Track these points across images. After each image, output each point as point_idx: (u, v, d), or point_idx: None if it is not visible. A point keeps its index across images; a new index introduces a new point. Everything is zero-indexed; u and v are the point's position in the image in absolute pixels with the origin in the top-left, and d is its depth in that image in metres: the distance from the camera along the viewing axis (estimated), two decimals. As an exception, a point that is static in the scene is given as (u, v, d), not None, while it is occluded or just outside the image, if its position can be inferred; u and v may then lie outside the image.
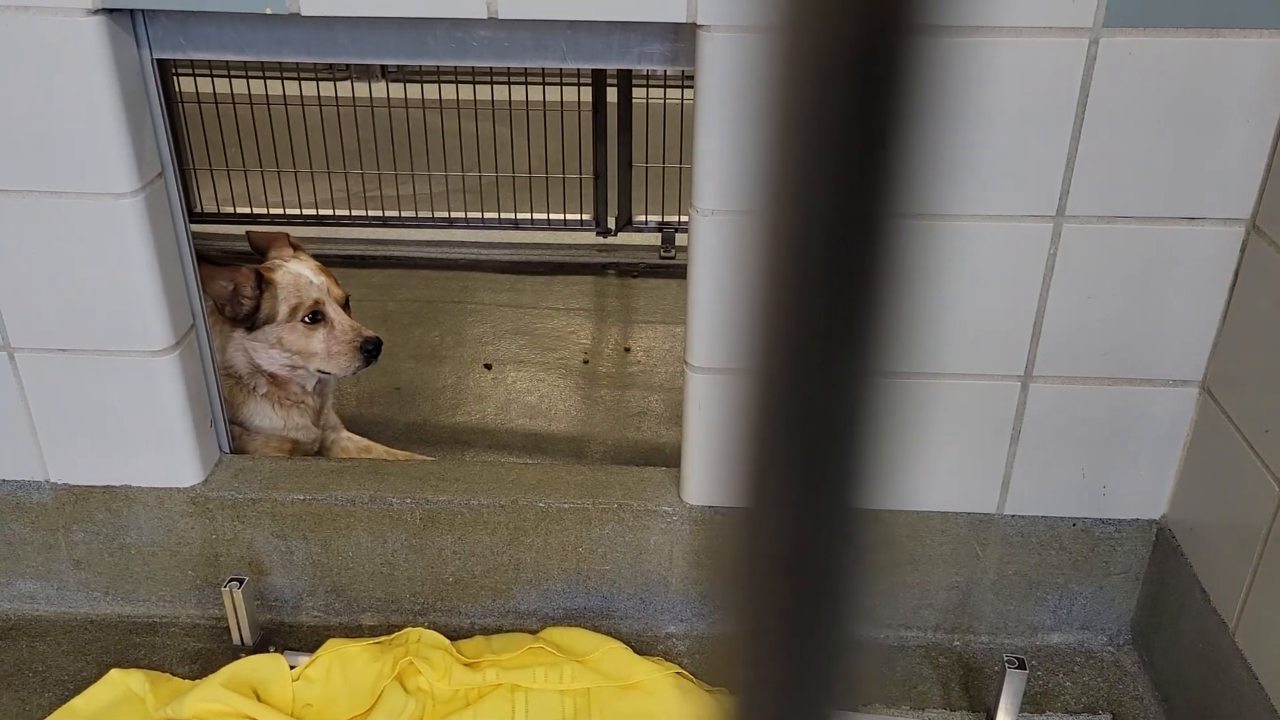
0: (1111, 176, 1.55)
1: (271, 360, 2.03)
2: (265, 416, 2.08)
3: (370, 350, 2.03)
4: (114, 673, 1.77)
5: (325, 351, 2.02)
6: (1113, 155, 1.53)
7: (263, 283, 2.00)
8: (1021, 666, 1.62)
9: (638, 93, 3.05)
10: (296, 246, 2.15)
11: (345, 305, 2.09)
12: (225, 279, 1.97)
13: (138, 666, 1.80)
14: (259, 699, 1.69)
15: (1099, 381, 1.69)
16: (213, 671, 1.73)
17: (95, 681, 1.76)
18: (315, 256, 2.21)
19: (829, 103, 0.27)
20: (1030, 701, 1.75)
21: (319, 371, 2.06)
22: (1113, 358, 1.67)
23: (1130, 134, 1.52)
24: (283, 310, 2.00)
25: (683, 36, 1.56)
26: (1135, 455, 1.74)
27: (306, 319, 2.00)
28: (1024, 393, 1.70)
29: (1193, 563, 1.69)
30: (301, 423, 2.11)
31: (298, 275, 2.03)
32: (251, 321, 2.00)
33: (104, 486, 1.83)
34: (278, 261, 2.06)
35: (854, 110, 0.27)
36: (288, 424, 2.10)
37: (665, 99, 3.14)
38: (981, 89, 1.50)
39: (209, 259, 1.96)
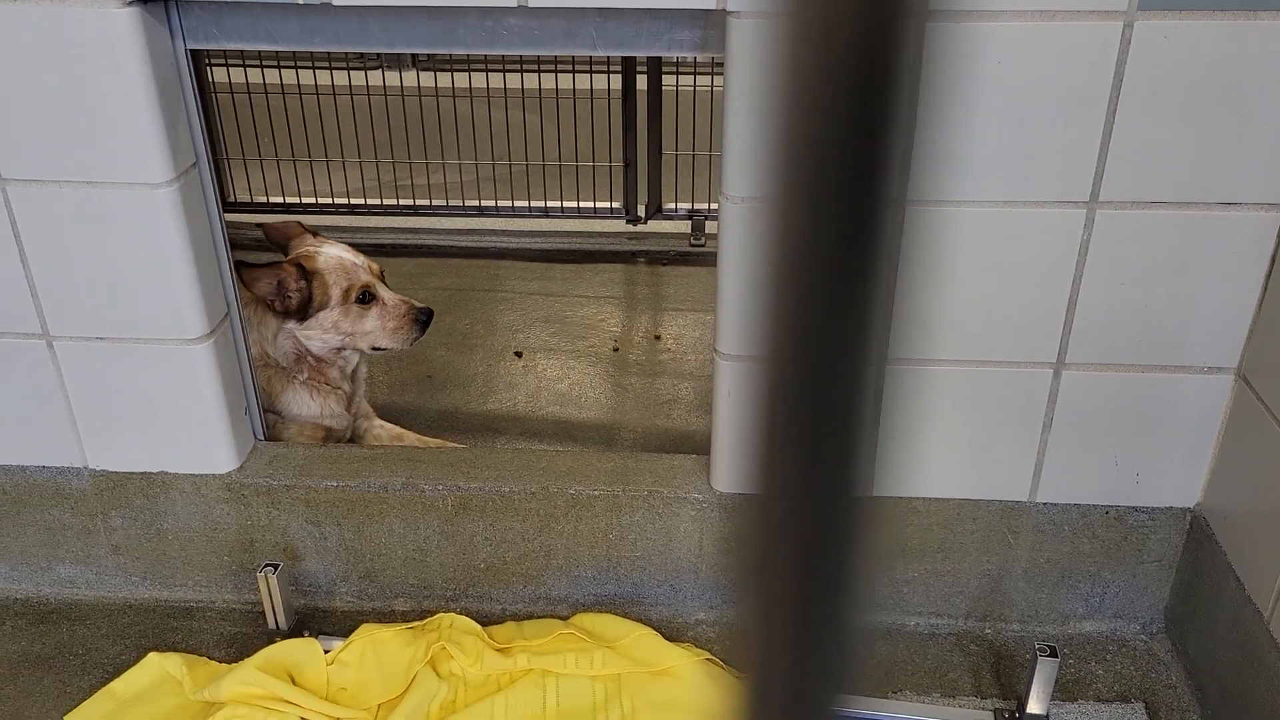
0: (1145, 162, 1.53)
1: (325, 344, 2.07)
2: (302, 404, 2.11)
3: (425, 321, 2.10)
4: (152, 656, 1.80)
5: (381, 328, 2.07)
6: (1147, 140, 1.52)
7: (307, 273, 2.02)
8: (1053, 654, 1.61)
9: (668, 80, 3.04)
10: (314, 232, 2.17)
11: (383, 280, 2.12)
12: (269, 277, 2.00)
13: (175, 650, 1.83)
14: (294, 682, 1.71)
15: (1132, 368, 1.67)
16: (248, 655, 1.76)
17: (134, 664, 1.79)
18: (289, 220, 2.23)
19: (834, 90, 0.27)
20: (1062, 690, 1.74)
21: (373, 349, 2.10)
22: (1146, 344, 1.65)
23: (1165, 119, 1.50)
24: (335, 294, 2.03)
25: (713, 23, 1.56)
26: (1169, 442, 1.72)
27: (359, 299, 2.04)
28: (1056, 380, 1.69)
29: (1227, 551, 1.68)
30: (336, 410, 2.13)
31: (340, 259, 2.06)
32: (304, 312, 2.03)
33: (141, 473, 1.85)
34: (311, 249, 2.08)
35: (858, 97, 0.27)
36: (323, 411, 2.12)
37: (695, 86, 3.13)
38: (1014, 74, 1.49)
39: (247, 261, 1.98)
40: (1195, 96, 1.48)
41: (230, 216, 2.02)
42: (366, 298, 2.06)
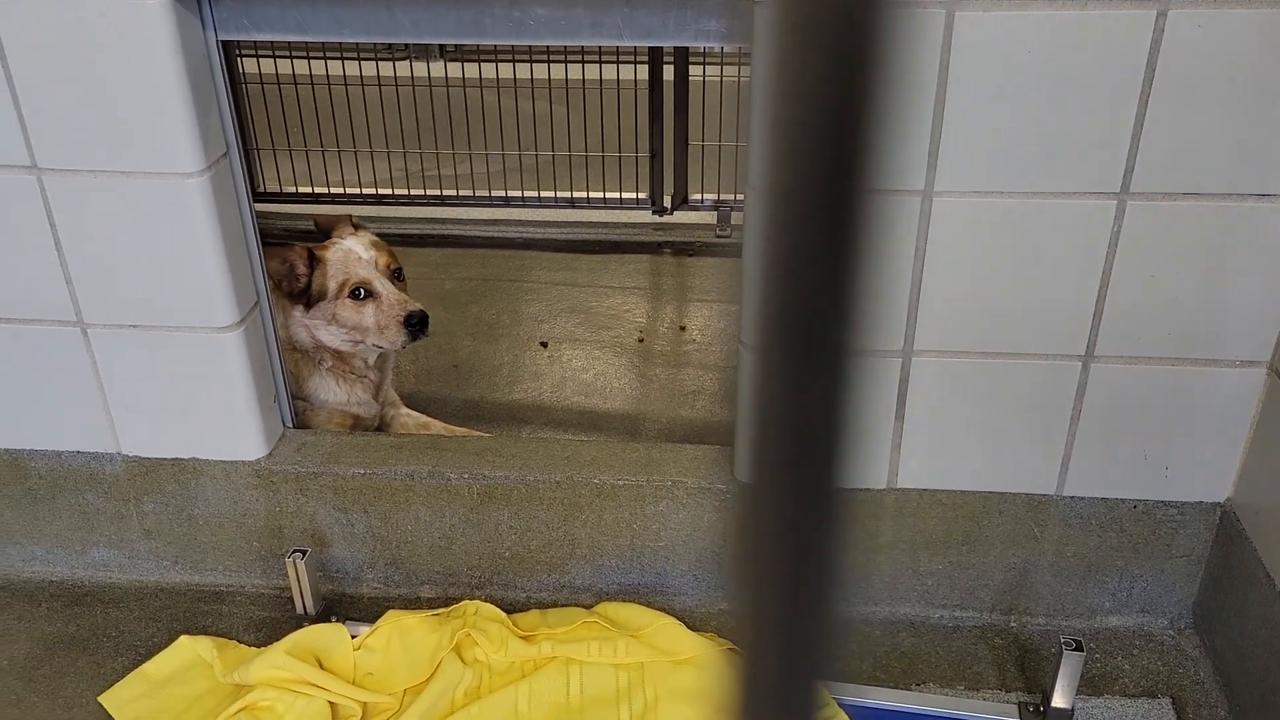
0: (1178, 152, 1.52)
1: (331, 336, 2.07)
2: (329, 391, 2.12)
3: (414, 324, 2.03)
4: (183, 639, 1.82)
5: (375, 325, 2.05)
6: (1180, 130, 1.50)
7: (314, 261, 2.04)
8: (1079, 648, 1.61)
9: (694, 70, 3.04)
10: (359, 226, 2.18)
11: (398, 276, 2.11)
12: (281, 257, 2.01)
13: (206, 633, 1.85)
14: (321, 666, 1.73)
15: (1163, 361, 1.66)
16: (277, 639, 1.78)
17: (166, 647, 1.81)
18: (340, 215, 2.24)
19: (817, 80, 0.27)
20: (1088, 684, 1.74)
21: (374, 346, 2.09)
22: (1177, 337, 1.64)
23: (1198, 108, 1.49)
24: (332, 286, 2.03)
25: (739, 12, 1.56)
26: (1200, 436, 1.71)
27: (354, 294, 2.03)
28: (1085, 372, 1.68)
29: (1258, 546, 1.66)
30: (364, 398, 2.15)
31: (348, 252, 2.06)
32: (306, 298, 2.04)
33: (173, 459, 1.88)
34: (333, 241, 2.09)
35: (840, 87, 0.28)
36: (350, 399, 2.14)
37: (722, 76, 3.12)
38: (1045, 63, 1.47)
39: (266, 239, 2.00)
40: (1228, 87, 1.47)
41: (260, 206, 2.03)
42: (361, 293, 2.05)
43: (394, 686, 1.72)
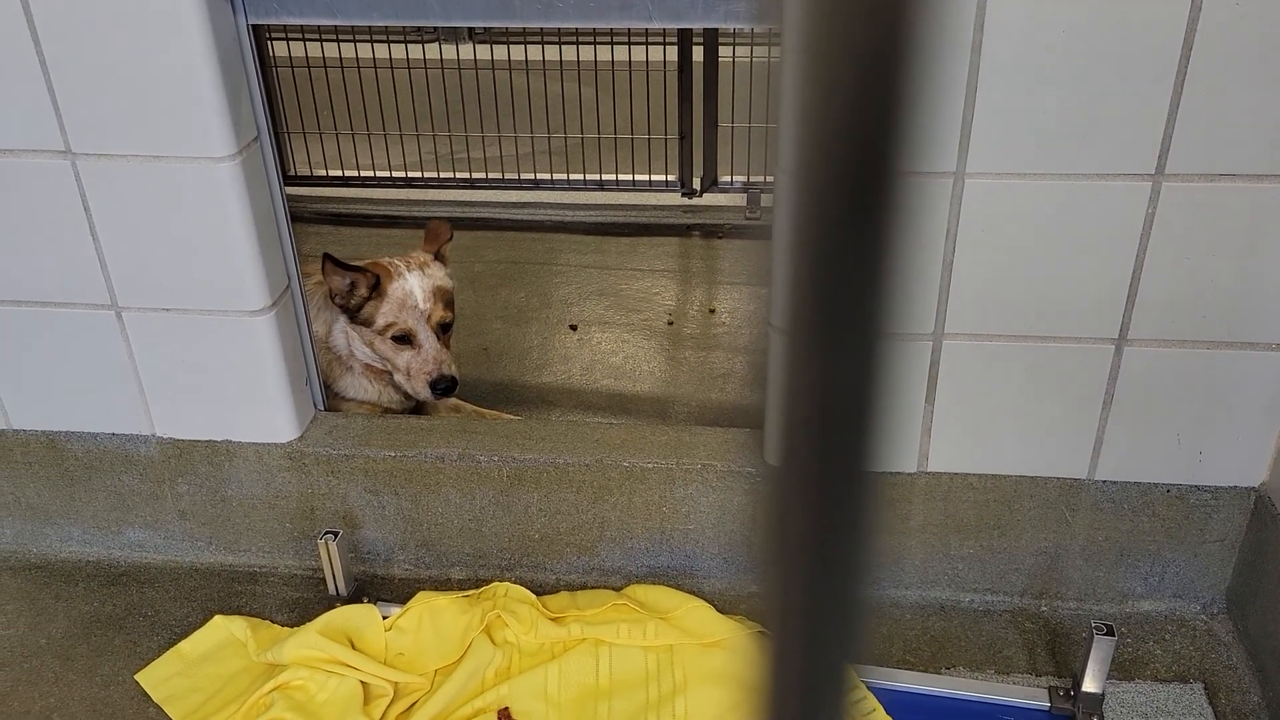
0: (1215, 132, 1.49)
1: (366, 355, 2.10)
2: (361, 389, 2.15)
3: (441, 389, 2.07)
4: (218, 618, 1.85)
5: (406, 370, 2.07)
6: (1217, 110, 1.48)
7: (376, 290, 2.05)
8: (1110, 633, 1.60)
9: (724, 51, 3.02)
10: (441, 256, 2.18)
11: (445, 330, 2.12)
12: (346, 277, 2.03)
13: (239, 613, 1.87)
14: (353, 647, 1.75)
15: (1197, 345, 1.64)
16: (310, 620, 1.80)
17: (200, 626, 1.84)
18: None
19: (846, 61, 0.27)
20: (1119, 669, 1.73)
21: (400, 383, 2.10)
22: (1212, 320, 1.61)
23: (1236, 87, 1.46)
24: (380, 322, 2.05)
25: (769, -6, 1.54)
26: (1234, 420, 1.69)
27: (395, 338, 2.05)
28: (1118, 356, 1.66)
29: (1294, 532, 1.64)
30: (395, 396, 2.17)
31: (406, 295, 2.06)
32: (355, 315, 2.06)
33: (206, 441, 1.90)
34: (401, 267, 2.09)
35: (870, 68, 0.27)
36: (381, 396, 2.16)
37: (752, 57, 3.10)
38: (1079, 43, 1.45)
39: (336, 260, 2.01)
40: (1268, 63, 1.44)
41: (291, 190, 2.05)
42: (403, 339, 2.07)
43: (425, 667, 1.74)
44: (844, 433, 0.32)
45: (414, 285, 2.07)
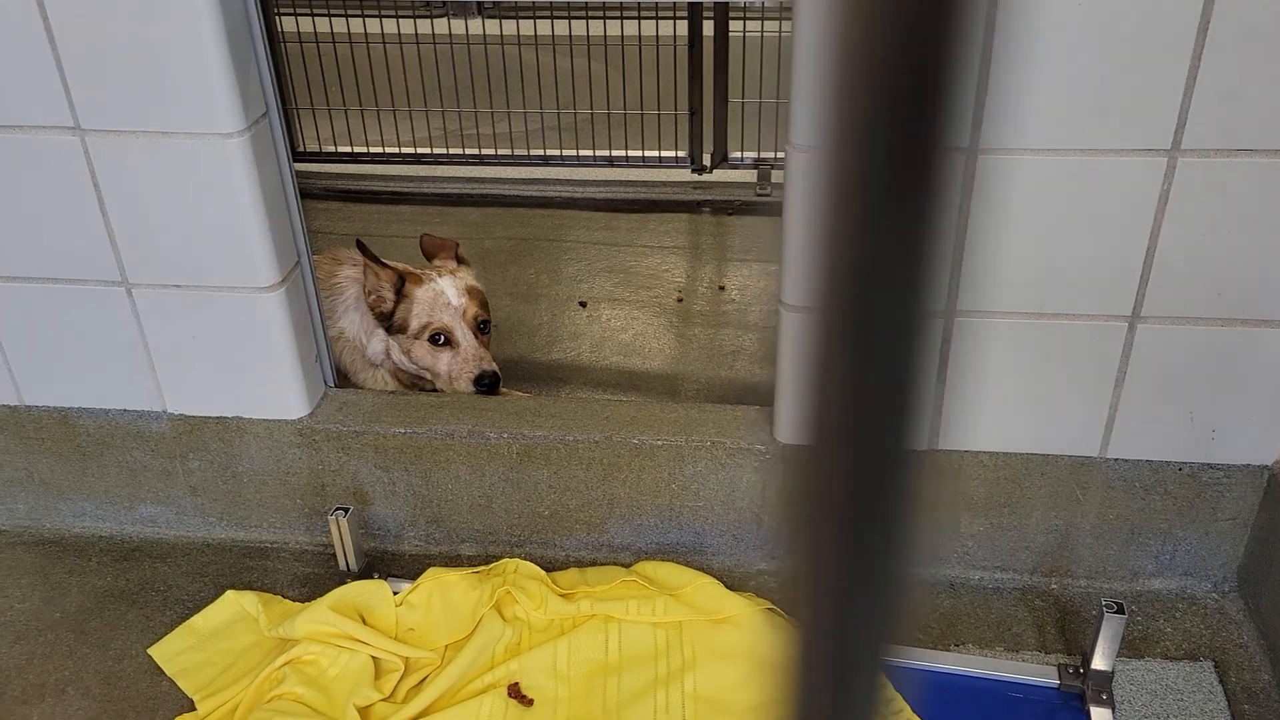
0: (1232, 107, 1.47)
1: (403, 363, 2.10)
2: (381, 384, 2.16)
3: (484, 385, 2.05)
4: (229, 594, 1.86)
5: (446, 374, 2.07)
6: (1234, 84, 1.46)
7: (403, 291, 2.04)
8: (1120, 611, 1.59)
9: (734, 26, 2.99)
10: (462, 258, 2.17)
11: (483, 328, 2.10)
12: (375, 274, 2.02)
13: (251, 588, 1.88)
14: (364, 622, 1.76)
15: (1211, 322, 1.62)
16: (320, 595, 1.81)
17: (212, 601, 1.85)
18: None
19: (893, 30, 0.26)
20: (1129, 647, 1.73)
21: (440, 389, 2.10)
22: (1226, 298, 1.60)
23: (1254, 61, 1.44)
24: (414, 325, 2.05)
25: (781, -33, 1.53)
26: (1247, 398, 1.68)
27: (433, 339, 2.04)
28: (1131, 333, 1.65)
29: (1306, 510, 1.64)
30: (410, 391, 2.18)
31: (437, 295, 2.05)
32: (389, 324, 2.06)
33: (217, 417, 1.90)
34: (430, 273, 2.09)
35: (917, 38, 0.26)
36: (399, 390, 2.16)
37: (763, 32, 3.08)
38: (1095, 16, 1.44)
39: (368, 251, 2.00)
40: (1286, 39, 1.42)
41: (300, 166, 2.04)
42: (441, 339, 2.05)
43: (435, 642, 1.74)
44: (886, 411, 0.32)
45: (445, 286, 2.07)
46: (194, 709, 1.68)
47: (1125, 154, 1.52)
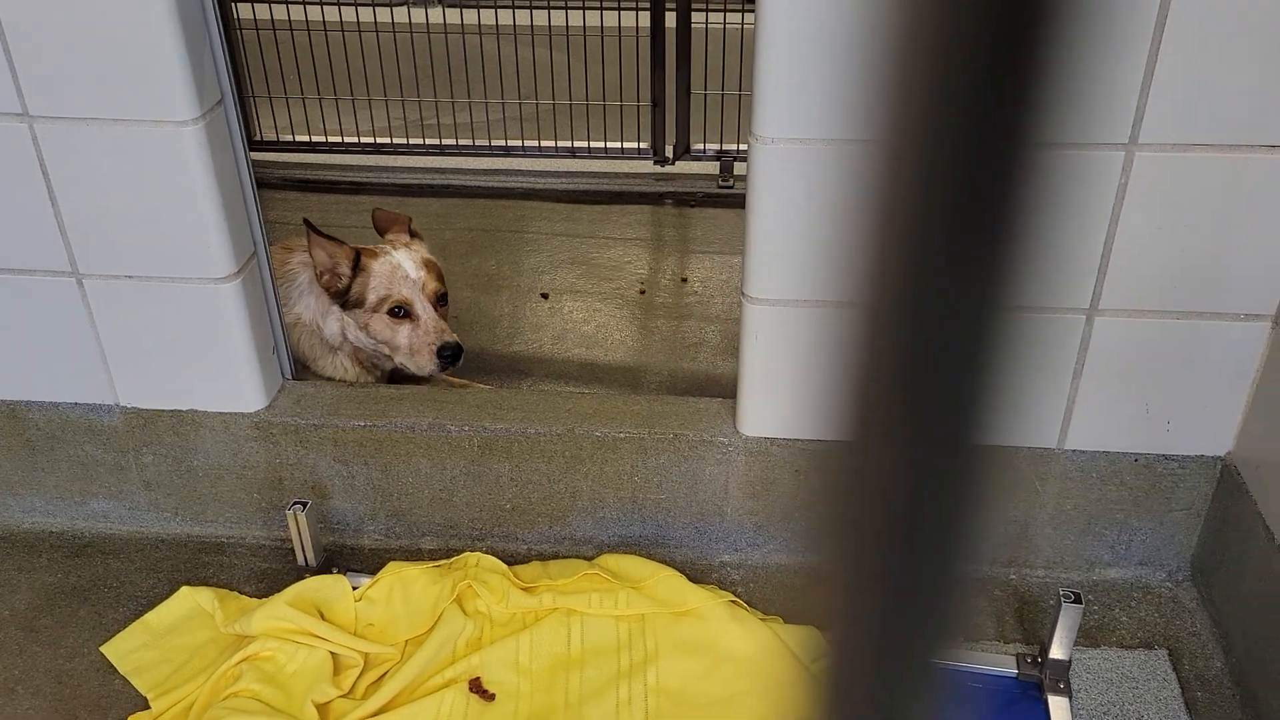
0: (1189, 102, 1.49)
1: (359, 340, 2.06)
2: (341, 370, 2.13)
3: (447, 356, 2.02)
4: (184, 590, 1.83)
5: (407, 348, 2.03)
6: (1191, 79, 1.48)
7: (359, 265, 2.01)
8: (1077, 601, 1.61)
9: (696, 18, 2.99)
10: (415, 233, 2.15)
11: (442, 301, 2.08)
12: (328, 250, 1.99)
13: (207, 584, 1.86)
14: (323, 618, 1.74)
15: (1167, 315, 1.64)
16: (278, 590, 1.78)
17: (167, 598, 1.82)
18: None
19: (963, 23, 0.25)
20: (1085, 635, 1.75)
21: (401, 365, 2.07)
22: (1182, 291, 1.62)
23: (1210, 57, 1.46)
24: (372, 298, 2.01)
25: (744, -42, 1.52)
26: (1202, 390, 1.70)
27: (392, 312, 2.01)
28: (1089, 326, 1.66)
29: (1257, 500, 1.66)
30: (371, 379, 2.15)
31: (395, 267, 2.02)
32: (344, 300, 2.03)
33: (171, 411, 1.87)
34: (385, 247, 2.06)
35: (992, 31, 0.25)
36: (359, 379, 2.14)
37: (725, 24, 3.08)
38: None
39: (316, 229, 1.97)
40: (1242, 33, 1.44)
41: (256, 155, 2.01)
42: (400, 312, 2.03)
43: (395, 637, 1.73)
44: (949, 407, 0.30)
45: (401, 259, 2.04)
46: (148, 708, 1.65)
47: (1083, 148, 1.53)
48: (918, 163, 0.27)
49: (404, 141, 3.22)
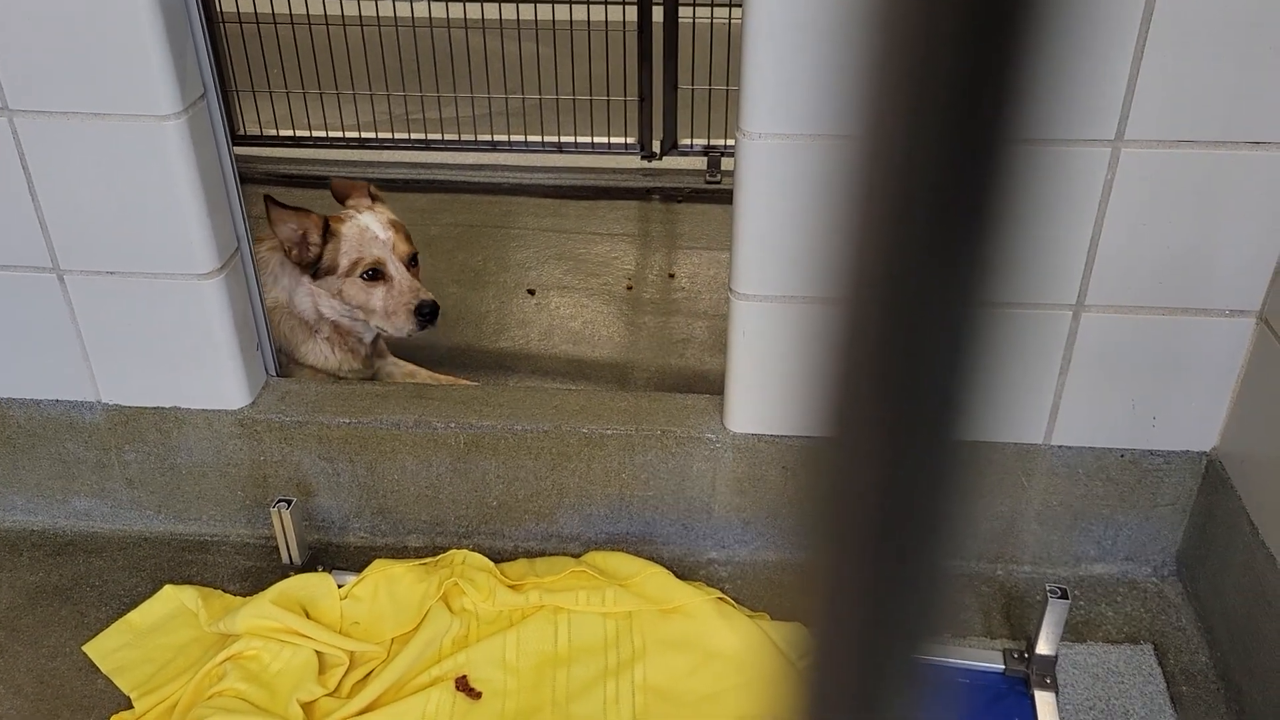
0: (1174, 99, 1.49)
1: (333, 310, 2.05)
2: (322, 357, 2.11)
3: (425, 314, 2.02)
4: (167, 588, 1.82)
5: (383, 310, 2.02)
6: (1176, 76, 1.48)
7: (329, 232, 2.00)
8: (1064, 596, 1.61)
9: (684, 12, 2.98)
10: (376, 197, 2.13)
11: (413, 262, 2.07)
12: (294, 222, 1.97)
13: (190, 583, 1.84)
14: (308, 616, 1.73)
15: (1153, 311, 1.65)
16: (263, 589, 1.77)
17: (150, 596, 1.81)
18: (358, 178, 2.20)
19: (941, 21, 0.25)
20: (1071, 630, 1.75)
21: (378, 328, 2.06)
22: (1168, 287, 1.62)
23: (1195, 54, 1.46)
24: (344, 263, 2.00)
25: (730, -48, 1.52)
26: (1188, 386, 1.70)
27: (365, 275, 2.00)
28: (1075, 321, 1.67)
29: (1242, 495, 1.67)
30: (355, 365, 2.14)
31: (364, 229, 2.01)
32: (315, 269, 2.01)
33: (154, 408, 1.86)
34: (350, 212, 2.05)
35: (970, 28, 0.25)
36: (342, 365, 2.12)
37: (712, 19, 3.07)
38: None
39: (279, 202, 1.96)
40: (1227, 30, 1.44)
41: (239, 149, 1.99)
42: (374, 274, 2.02)
43: (381, 636, 1.72)
44: (931, 403, 0.30)
45: (369, 221, 2.03)
46: (131, 707, 1.64)
47: (1069, 144, 1.54)
48: (900, 158, 0.27)
49: (389, 136, 3.20)
